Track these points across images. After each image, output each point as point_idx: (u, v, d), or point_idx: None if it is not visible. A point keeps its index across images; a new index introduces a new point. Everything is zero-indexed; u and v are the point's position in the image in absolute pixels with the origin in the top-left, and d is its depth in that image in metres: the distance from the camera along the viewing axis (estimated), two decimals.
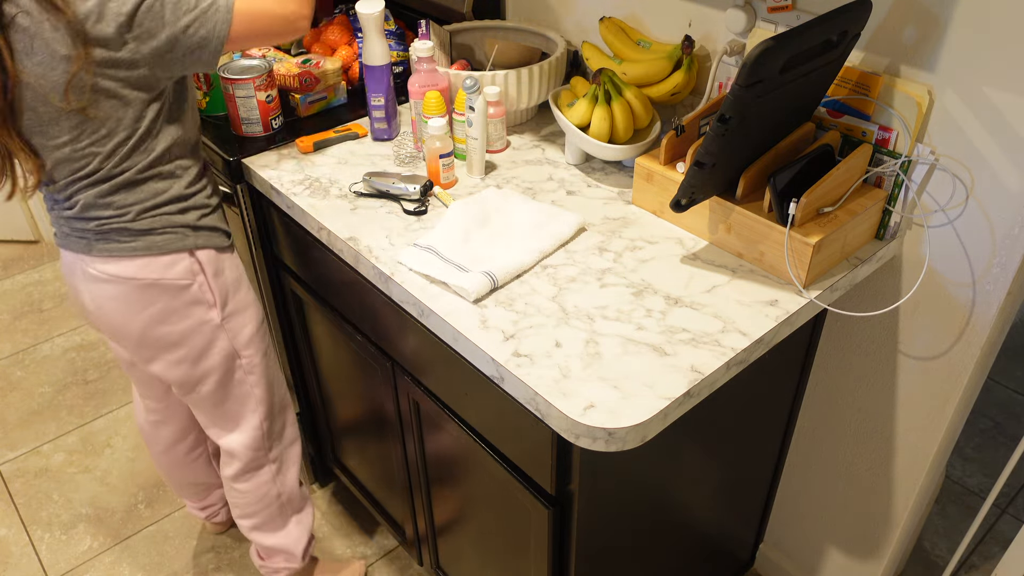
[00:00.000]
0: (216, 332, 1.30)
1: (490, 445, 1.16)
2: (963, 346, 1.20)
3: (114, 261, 1.19)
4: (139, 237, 1.19)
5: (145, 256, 1.20)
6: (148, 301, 1.23)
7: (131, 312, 1.23)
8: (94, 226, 1.18)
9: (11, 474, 2.06)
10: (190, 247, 1.23)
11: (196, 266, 1.24)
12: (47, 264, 2.83)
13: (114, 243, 1.19)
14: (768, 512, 1.65)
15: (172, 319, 1.25)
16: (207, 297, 1.26)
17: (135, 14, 1.03)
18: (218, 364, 1.32)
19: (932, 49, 1.06)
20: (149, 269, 1.21)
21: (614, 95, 1.31)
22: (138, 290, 1.21)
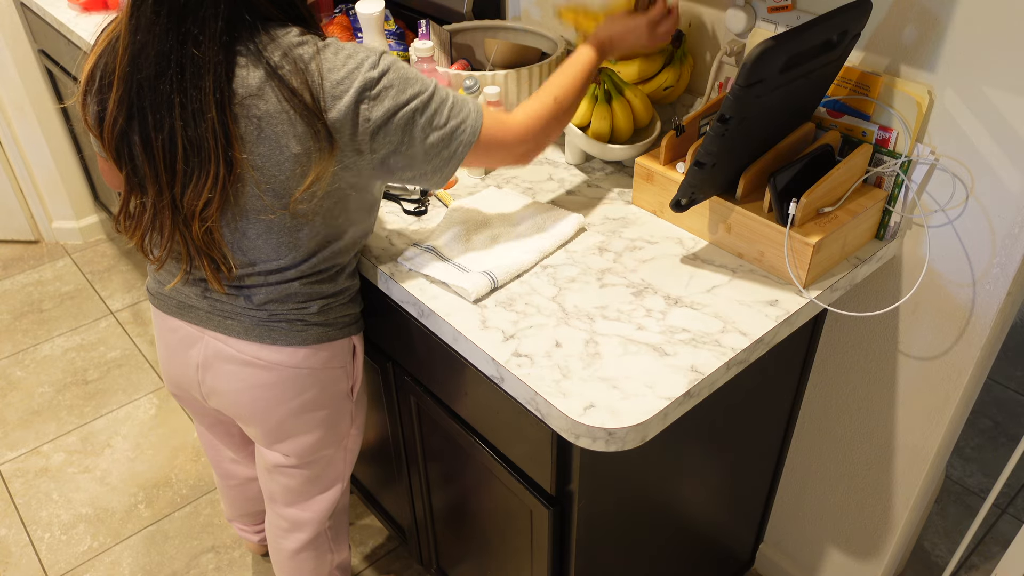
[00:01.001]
0: (347, 413, 1.24)
1: (490, 445, 1.16)
2: (963, 346, 1.20)
3: (277, 349, 1.10)
4: (313, 327, 1.11)
5: (317, 344, 1.12)
6: (302, 388, 1.15)
7: (279, 399, 1.15)
8: (265, 316, 1.09)
9: (11, 474, 2.06)
10: (354, 332, 1.18)
11: (351, 353, 1.19)
12: (47, 264, 2.83)
13: (282, 332, 1.10)
14: (768, 512, 1.65)
15: (319, 405, 1.18)
16: (350, 381, 1.22)
17: (386, 123, 0.94)
18: (336, 440, 1.26)
19: (932, 49, 1.06)
20: (315, 358, 1.13)
21: (614, 94, 1.31)
22: (295, 377, 1.13)
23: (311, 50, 0.92)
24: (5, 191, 2.79)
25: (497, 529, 1.27)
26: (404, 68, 0.97)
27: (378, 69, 0.93)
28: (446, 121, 0.99)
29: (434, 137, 0.98)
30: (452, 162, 1.02)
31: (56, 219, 2.90)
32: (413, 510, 1.55)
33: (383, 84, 0.94)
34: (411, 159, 0.99)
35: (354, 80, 0.92)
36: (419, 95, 0.96)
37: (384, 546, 1.86)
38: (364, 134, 0.94)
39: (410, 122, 0.96)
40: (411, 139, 0.97)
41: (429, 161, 1.00)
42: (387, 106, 0.94)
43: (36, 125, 2.66)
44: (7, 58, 2.51)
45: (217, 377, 1.15)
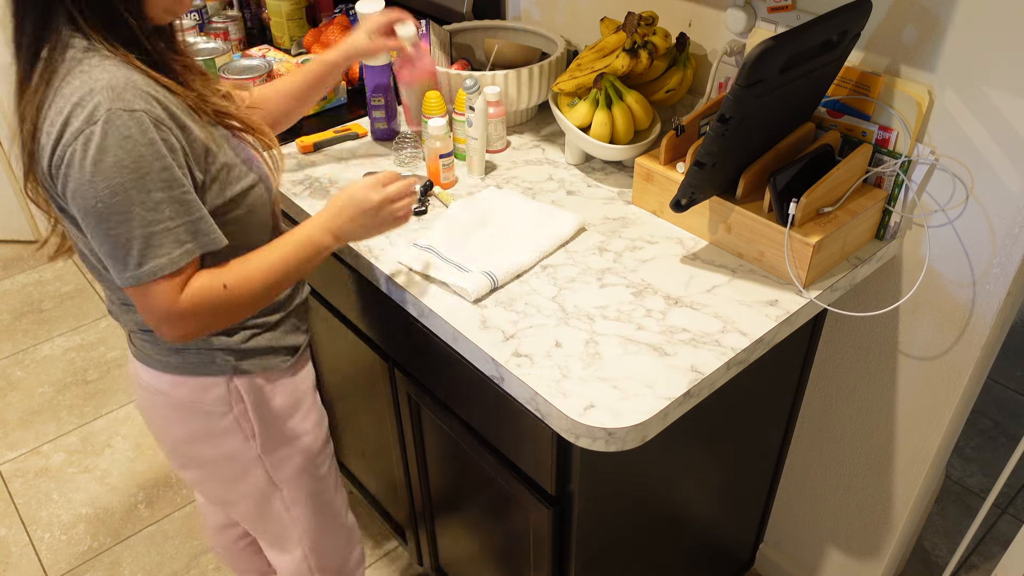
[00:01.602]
0: (252, 464, 1.13)
1: (490, 445, 1.16)
2: (963, 346, 1.20)
3: (146, 369, 1.05)
4: (172, 354, 1.02)
5: (176, 375, 1.04)
6: (180, 419, 1.07)
7: (164, 423, 1.09)
8: (132, 326, 1.03)
9: (11, 474, 2.06)
10: (228, 372, 1.04)
11: (235, 395, 1.06)
12: (47, 264, 2.83)
13: (147, 352, 1.04)
14: (768, 512, 1.65)
15: (203, 442, 1.09)
16: (244, 428, 1.09)
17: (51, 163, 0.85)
18: (252, 492, 1.16)
19: (932, 49, 1.06)
20: (183, 390, 1.04)
21: (615, 100, 1.31)
22: (170, 406, 1.06)
23: (65, 68, 0.84)
24: (5, 191, 2.78)
25: (497, 529, 1.27)
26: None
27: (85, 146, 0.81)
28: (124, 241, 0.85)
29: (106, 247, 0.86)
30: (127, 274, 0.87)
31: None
32: (413, 510, 1.55)
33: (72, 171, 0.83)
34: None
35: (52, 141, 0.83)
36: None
37: (384, 546, 1.86)
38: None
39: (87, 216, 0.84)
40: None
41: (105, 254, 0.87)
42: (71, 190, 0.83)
43: None
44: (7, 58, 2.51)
45: (136, 390, 1.12)
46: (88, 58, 0.84)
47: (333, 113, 1.59)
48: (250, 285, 0.93)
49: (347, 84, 1.67)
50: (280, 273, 0.95)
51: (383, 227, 1.02)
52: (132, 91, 0.83)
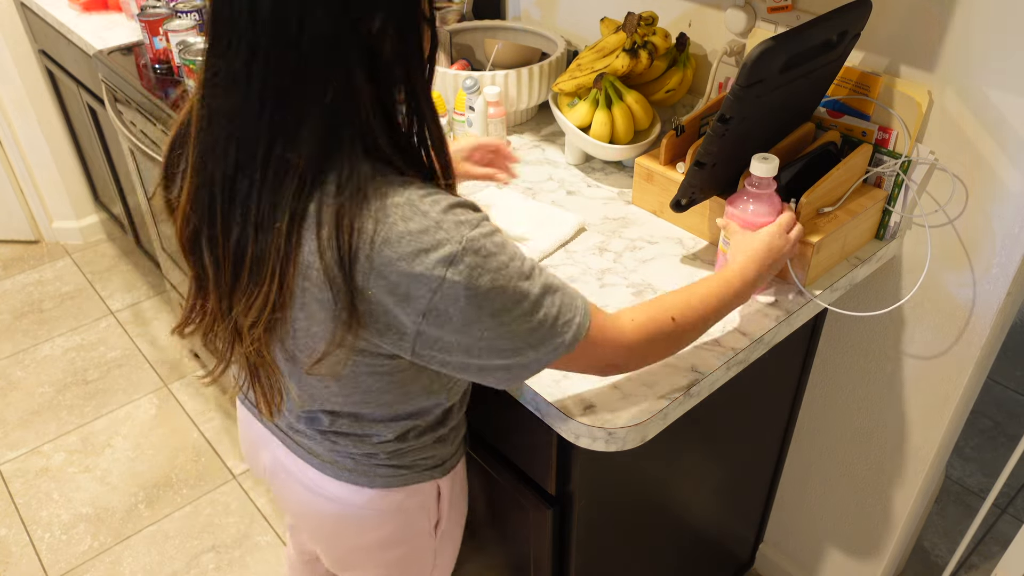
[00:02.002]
0: (427, 549, 1.09)
1: (490, 445, 1.15)
2: (963, 346, 1.20)
3: (340, 484, 0.96)
4: (383, 468, 0.96)
5: (388, 488, 0.97)
6: (374, 527, 1.01)
7: (347, 534, 1.02)
8: (329, 445, 0.94)
9: (11, 474, 2.06)
10: (439, 476, 1.01)
11: (435, 494, 1.02)
12: (47, 264, 2.83)
13: (346, 468, 0.95)
14: (768, 512, 1.65)
15: (394, 547, 1.04)
16: (432, 521, 1.05)
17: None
18: (409, 570, 1.11)
19: (932, 49, 1.06)
20: (387, 498, 0.98)
21: (615, 100, 1.31)
22: (360, 516, 0.99)
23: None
24: (5, 191, 2.78)
25: (497, 529, 1.27)
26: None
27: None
28: (532, 309, 0.76)
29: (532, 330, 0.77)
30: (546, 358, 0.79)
31: (56, 219, 2.90)
32: None
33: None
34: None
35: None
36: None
37: None
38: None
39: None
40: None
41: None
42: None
43: (36, 125, 2.66)
44: (7, 58, 2.51)
45: (283, 489, 1.04)
46: (392, 187, 0.72)
47: None
48: (691, 318, 0.90)
49: None
50: (713, 310, 0.92)
51: (780, 268, 1.04)
52: (455, 201, 0.73)
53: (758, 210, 1.01)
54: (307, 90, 0.68)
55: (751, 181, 1.02)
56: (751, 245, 0.99)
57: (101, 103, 2.10)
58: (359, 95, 0.69)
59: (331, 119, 0.69)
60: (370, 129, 0.72)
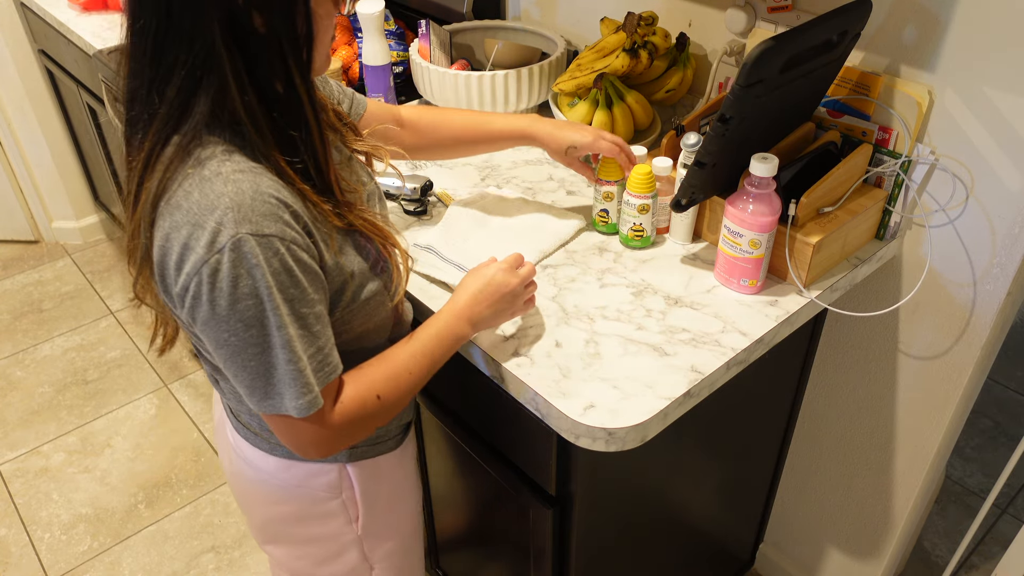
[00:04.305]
0: (350, 544, 1.08)
1: (490, 445, 1.15)
2: (963, 346, 1.20)
3: (251, 448, 0.99)
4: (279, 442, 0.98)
5: (286, 459, 0.98)
6: (280, 499, 1.02)
7: (259, 501, 1.05)
8: (231, 401, 0.96)
9: (11, 474, 2.06)
10: (342, 460, 1.00)
11: (346, 480, 1.02)
12: (47, 264, 2.83)
13: (252, 431, 0.98)
14: (768, 512, 1.65)
15: (302, 523, 1.05)
16: (349, 512, 1.05)
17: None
18: (342, 571, 1.11)
19: (932, 49, 1.06)
20: (288, 472, 0.99)
21: (615, 100, 1.31)
22: (273, 487, 1.01)
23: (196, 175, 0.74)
24: (5, 191, 2.78)
25: (497, 529, 1.27)
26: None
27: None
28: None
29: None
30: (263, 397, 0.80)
31: (56, 219, 2.90)
32: None
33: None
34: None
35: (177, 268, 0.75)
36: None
37: None
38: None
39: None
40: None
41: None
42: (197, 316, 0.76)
43: (36, 125, 2.66)
44: (7, 58, 2.51)
45: (220, 449, 1.09)
46: (216, 157, 0.74)
47: None
48: (399, 389, 0.88)
49: (347, 84, 1.67)
50: (424, 370, 0.90)
51: (516, 312, 0.98)
52: (261, 208, 0.73)
53: (758, 210, 1.01)
54: (175, 53, 0.73)
55: (751, 181, 1.02)
56: (472, 283, 0.95)
57: (101, 103, 2.10)
58: (221, 65, 0.72)
59: (191, 82, 0.73)
60: (230, 101, 0.74)
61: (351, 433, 0.86)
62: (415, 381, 0.90)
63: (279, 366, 0.77)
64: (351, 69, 1.70)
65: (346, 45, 1.73)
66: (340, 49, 1.72)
